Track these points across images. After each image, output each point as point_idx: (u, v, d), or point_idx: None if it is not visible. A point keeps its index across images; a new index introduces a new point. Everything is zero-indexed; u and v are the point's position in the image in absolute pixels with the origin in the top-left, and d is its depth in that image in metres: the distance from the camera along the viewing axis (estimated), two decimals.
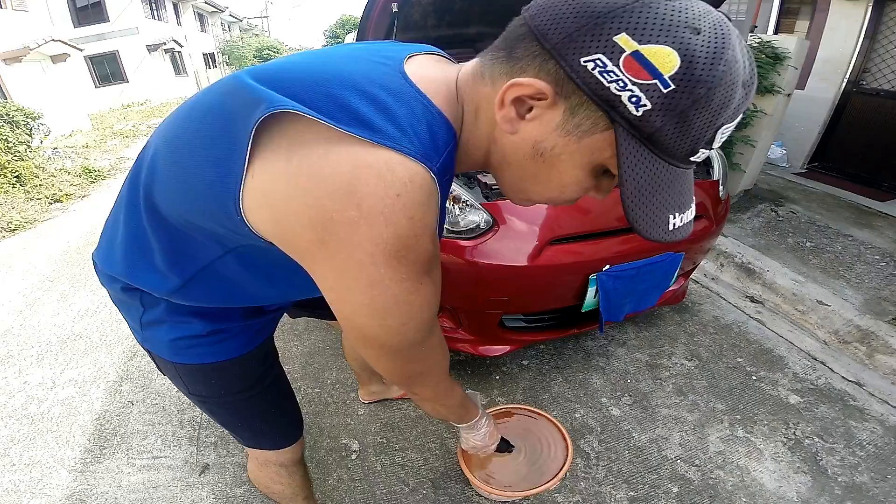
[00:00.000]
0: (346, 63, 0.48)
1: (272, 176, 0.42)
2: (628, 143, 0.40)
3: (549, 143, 0.44)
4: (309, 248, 0.44)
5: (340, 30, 27.21)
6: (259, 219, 0.45)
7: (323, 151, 0.40)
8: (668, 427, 1.54)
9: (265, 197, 0.43)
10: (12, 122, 5.29)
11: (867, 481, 1.34)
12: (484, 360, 1.82)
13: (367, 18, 1.53)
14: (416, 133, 0.43)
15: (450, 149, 0.47)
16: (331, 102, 0.42)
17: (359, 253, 0.42)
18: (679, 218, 0.45)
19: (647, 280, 1.51)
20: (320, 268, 0.46)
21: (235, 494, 1.38)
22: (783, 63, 2.75)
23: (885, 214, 2.95)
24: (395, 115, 0.43)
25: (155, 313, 0.66)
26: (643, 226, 0.44)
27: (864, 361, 1.83)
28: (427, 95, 0.46)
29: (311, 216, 0.41)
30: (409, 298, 0.48)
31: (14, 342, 2.19)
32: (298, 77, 0.45)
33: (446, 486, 1.37)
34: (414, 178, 0.41)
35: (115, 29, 13.68)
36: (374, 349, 0.55)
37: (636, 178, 0.41)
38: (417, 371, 0.64)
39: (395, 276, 0.44)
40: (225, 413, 0.81)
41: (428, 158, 0.43)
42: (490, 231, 1.35)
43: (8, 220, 3.83)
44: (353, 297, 0.47)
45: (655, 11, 0.36)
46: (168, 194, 0.53)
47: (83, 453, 1.54)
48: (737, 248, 2.53)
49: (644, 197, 0.42)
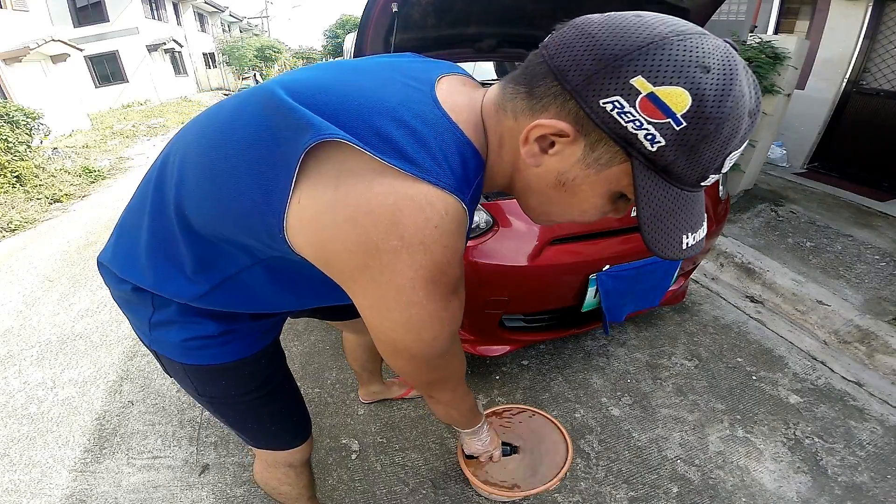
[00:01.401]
0: (380, 86, 0.50)
1: (320, 203, 0.45)
2: (644, 174, 0.43)
3: (570, 175, 0.47)
4: (353, 272, 0.48)
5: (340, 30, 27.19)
6: (303, 241, 0.48)
7: (368, 183, 0.44)
8: (668, 427, 1.54)
9: (312, 222, 0.46)
10: (12, 122, 5.29)
11: (867, 481, 1.34)
12: (484, 360, 1.82)
13: (367, 18, 1.52)
14: (450, 166, 0.46)
15: (479, 179, 0.51)
16: (372, 132, 0.45)
17: (399, 278, 0.47)
18: (692, 237, 0.48)
19: (647, 280, 1.51)
20: (361, 289, 0.50)
21: (235, 494, 1.38)
22: (783, 63, 2.75)
23: (885, 214, 2.95)
24: (432, 147, 0.46)
25: (165, 314, 0.66)
26: (659, 247, 0.47)
27: (864, 361, 1.83)
28: (458, 126, 0.49)
29: (357, 243, 0.45)
30: (441, 315, 0.53)
31: (14, 342, 2.19)
32: (337, 101, 0.47)
33: (446, 486, 1.37)
34: (449, 210, 0.46)
35: (115, 29, 13.68)
36: (405, 359, 0.60)
37: (652, 205, 0.44)
38: (440, 377, 0.69)
39: (430, 296, 0.49)
40: (235, 414, 0.81)
41: (461, 191, 0.47)
42: (490, 231, 1.35)
43: (8, 220, 3.84)
44: (391, 315, 0.51)
45: (668, 52, 0.38)
46: (201, 208, 0.54)
47: (83, 453, 1.54)
48: (737, 248, 2.53)
49: (659, 222, 0.46)
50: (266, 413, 0.82)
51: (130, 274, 0.64)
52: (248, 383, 0.76)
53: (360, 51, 1.62)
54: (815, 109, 3.73)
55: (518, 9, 1.80)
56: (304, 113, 0.45)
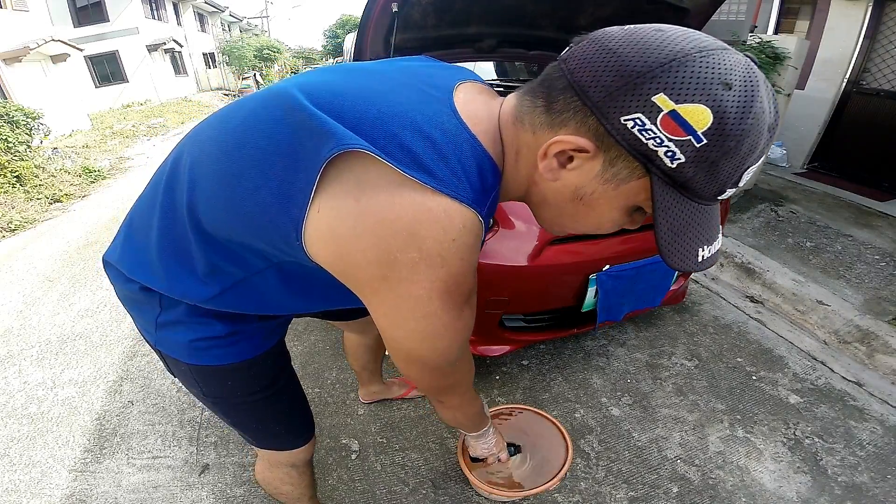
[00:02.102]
0: (399, 93, 0.50)
1: (340, 213, 0.45)
2: (663, 189, 0.43)
3: (588, 189, 0.47)
4: (370, 281, 0.48)
5: (340, 30, 27.21)
6: (321, 250, 0.48)
7: (389, 195, 0.44)
8: (668, 427, 1.54)
9: (331, 231, 0.46)
10: (12, 122, 5.29)
11: (867, 481, 1.34)
12: (484, 360, 1.82)
13: (367, 18, 1.52)
14: (468, 178, 0.46)
15: (496, 192, 0.51)
16: (392, 142, 0.44)
17: (417, 289, 0.47)
18: (707, 250, 0.48)
19: (646, 280, 1.51)
20: (378, 298, 0.50)
21: (235, 494, 1.38)
22: (783, 63, 2.75)
23: (885, 214, 2.95)
24: (450, 159, 0.46)
25: (173, 314, 0.66)
26: (675, 261, 0.47)
27: (864, 361, 1.83)
28: (477, 137, 0.49)
29: (377, 254, 0.45)
30: (455, 325, 0.54)
31: (14, 342, 2.19)
32: (357, 108, 0.47)
33: (446, 486, 1.37)
34: (466, 223, 0.46)
35: (115, 29, 13.67)
36: (418, 367, 0.61)
37: (669, 219, 0.44)
38: (450, 383, 0.70)
39: (445, 307, 0.50)
40: (240, 414, 0.81)
41: (478, 203, 0.47)
42: (490, 231, 1.35)
43: (8, 220, 3.84)
44: (407, 325, 0.52)
45: (691, 70, 0.38)
46: (215, 212, 0.54)
47: (83, 453, 1.54)
48: (737, 248, 2.53)
49: (676, 236, 0.46)
50: (271, 413, 0.82)
51: (140, 274, 0.64)
52: (253, 384, 0.76)
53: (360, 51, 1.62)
54: (815, 109, 3.73)
55: (518, 9, 1.80)
56: (325, 121, 0.45)
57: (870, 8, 3.34)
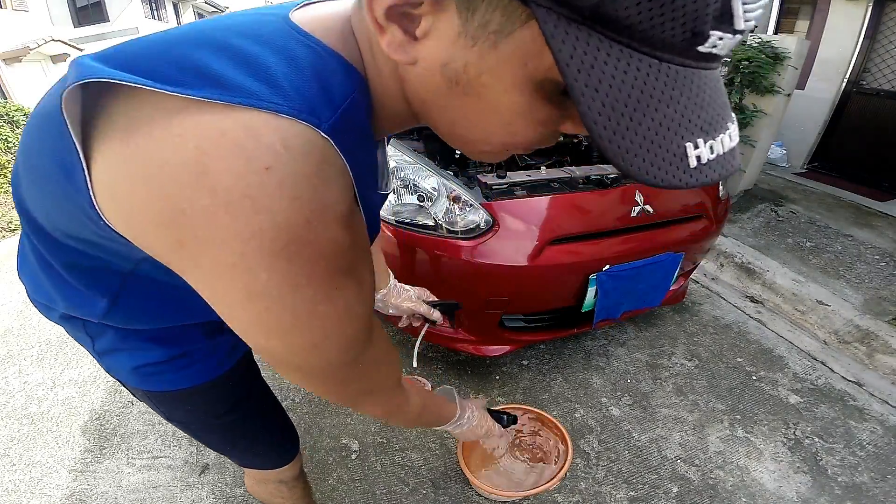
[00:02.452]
0: (214, 22, 0.37)
1: (110, 163, 0.32)
2: (566, 28, 0.25)
3: (458, 63, 0.31)
4: (167, 251, 0.34)
5: None
6: (114, 220, 0.35)
7: (164, 125, 0.30)
8: (668, 427, 1.54)
9: (109, 190, 0.33)
10: (13, 122, 5.29)
11: (867, 481, 1.34)
12: (484, 360, 1.82)
13: None
14: (292, 84, 0.32)
15: (352, 99, 0.35)
16: (175, 66, 0.31)
17: (224, 254, 0.31)
18: (706, 146, 0.28)
19: (646, 280, 1.51)
20: (190, 276, 0.35)
21: (235, 494, 1.38)
22: (783, 63, 2.75)
23: (885, 214, 2.95)
24: (264, 64, 0.32)
25: (106, 342, 0.56)
26: (636, 162, 0.27)
27: (864, 361, 1.83)
28: (313, 34, 0.35)
29: (159, 210, 0.31)
30: (315, 310, 0.36)
31: (14, 342, 2.19)
32: (146, 45, 0.34)
33: (446, 486, 1.37)
34: (290, 142, 0.30)
35: (115, 29, 13.66)
36: (293, 373, 0.43)
37: (596, 82, 0.25)
38: (359, 390, 0.51)
39: (283, 281, 0.33)
40: (210, 437, 0.75)
41: (313, 113, 0.31)
42: (490, 231, 1.35)
43: (8, 220, 3.84)
44: (234, 313, 0.36)
45: None
46: (34, 203, 0.43)
47: (83, 453, 1.54)
48: (737, 248, 2.53)
49: (625, 113, 0.26)
50: (245, 434, 0.74)
51: (41, 294, 0.53)
52: (217, 407, 0.67)
53: None
54: (814, 109, 3.74)
55: None
56: (79, 64, 0.33)
57: (870, 8, 3.34)
